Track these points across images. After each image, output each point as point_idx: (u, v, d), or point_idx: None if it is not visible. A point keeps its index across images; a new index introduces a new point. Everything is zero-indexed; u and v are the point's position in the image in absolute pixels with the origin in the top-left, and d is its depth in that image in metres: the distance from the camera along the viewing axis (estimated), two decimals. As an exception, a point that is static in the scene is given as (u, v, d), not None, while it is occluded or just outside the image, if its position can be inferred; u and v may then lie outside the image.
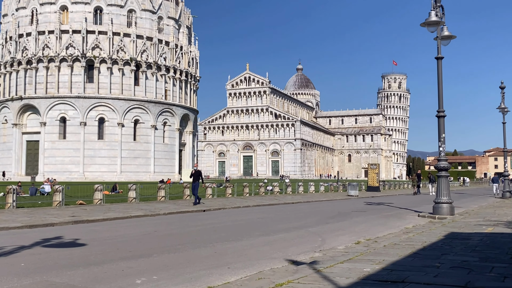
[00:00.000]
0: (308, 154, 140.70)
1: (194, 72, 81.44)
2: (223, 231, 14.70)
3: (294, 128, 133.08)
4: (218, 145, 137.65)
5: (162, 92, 74.38)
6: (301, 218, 19.21)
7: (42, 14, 70.39)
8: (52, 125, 68.78)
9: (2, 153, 71.84)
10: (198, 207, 24.20)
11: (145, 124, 72.31)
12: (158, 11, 75.19)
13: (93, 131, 69.33)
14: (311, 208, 25.71)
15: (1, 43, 72.59)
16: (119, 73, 70.49)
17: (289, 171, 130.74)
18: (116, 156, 69.96)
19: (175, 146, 76.28)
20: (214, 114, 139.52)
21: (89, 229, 15.28)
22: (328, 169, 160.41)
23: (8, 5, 74.03)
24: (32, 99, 69.15)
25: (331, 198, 36.39)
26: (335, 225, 16.85)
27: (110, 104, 69.75)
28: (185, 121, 79.30)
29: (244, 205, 26.75)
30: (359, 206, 27.06)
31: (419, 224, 16.94)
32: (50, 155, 68.55)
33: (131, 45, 71.32)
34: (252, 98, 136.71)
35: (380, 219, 18.97)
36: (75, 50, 69.02)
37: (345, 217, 19.96)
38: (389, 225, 16.77)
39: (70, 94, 68.81)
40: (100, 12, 71.49)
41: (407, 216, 20.56)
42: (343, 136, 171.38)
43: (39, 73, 69.40)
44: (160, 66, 73.69)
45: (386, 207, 26.23)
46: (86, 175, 68.15)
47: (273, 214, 21.13)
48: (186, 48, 78.73)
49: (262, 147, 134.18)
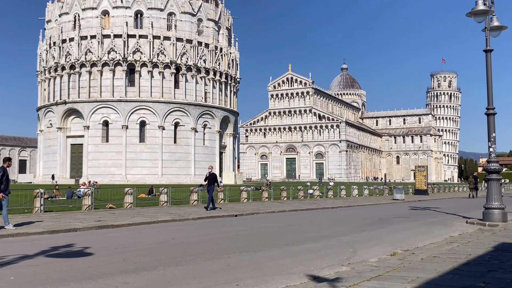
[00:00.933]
0: (354, 156, 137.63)
1: (234, 74, 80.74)
2: (246, 240, 13.45)
3: (339, 129, 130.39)
4: (260, 147, 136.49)
5: (202, 94, 74.01)
6: (336, 225, 17.72)
7: (84, 19, 71.42)
8: (95, 129, 69.60)
9: (48, 156, 73.32)
10: (228, 211, 23.06)
11: (185, 126, 72.11)
12: (198, 13, 74.93)
13: (134, 134, 69.69)
14: (350, 213, 24.10)
15: (45, 48, 74.14)
16: (159, 76, 70.60)
17: (334, 173, 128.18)
18: (157, 159, 70.05)
19: (215, 149, 75.73)
20: (256, 116, 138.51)
21: (107, 236, 14.42)
22: (376, 171, 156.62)
23: (51, 11, 75.63)
24: (75, 103, 70.20)
25: (374, 202, 34.55)
26: (372, 233, 15.28)
27: (151, 107, 69.92)
28: (225, 123, 78.67)
29: (280, 210, 25.43)
30: (402, 211, 25.25)
31: (466, 232, 15.20)
32: (93, 158, 69.37)
33: (171, 48, 71.31)
34: (294, 99, 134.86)
35: (423, 227, 17.25)
36: (116, 54, 69.62)
37: (385, 224, 18.32)
38: (432, 234, 15.08)
39: (112, 98, 69.43)
40: (140, 16, 71.88)
41: (454, 222, 18.72)
42: (390, 137, 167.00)
43: (82, 77, 70.41)
44: (199, 69, 73.36)
45: (432, 213, 24.32)
46: (128, 177, 68.52)
47: (307, 221, 19.72)
48: (226, 49, 78.13)
49: (306, 149, 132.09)
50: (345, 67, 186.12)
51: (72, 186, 39.30)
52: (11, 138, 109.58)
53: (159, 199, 26.81)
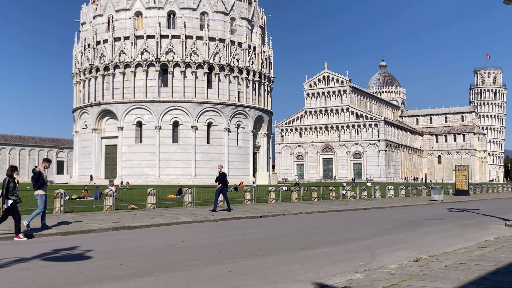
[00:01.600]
0: (393, 156, 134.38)
1: (268, 73, 79.81)
2: (259, 243, 12.53)
3: (377, 128, 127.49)
4: (296, 147, 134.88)
5: (235, 94, 73.42)
6: (362, 228, 16.55)
7: (117, 20, 72.00)
8: (129, 130, 70.02)
9: (83, 157, 74.28)
10: (254, 212, 22.14)
11: (218, 126, 71.66)
12: (231, 12, 74.41)
13: (167, 135, 69.73)
14: (380, 215, 22.77)
15: (80, 50, 75.15)
16: (192, 76, 70.42)
17: (373, 174, 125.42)
18: (190, 159, 69.86)
19: (249, 149, 74.99)
20: (291, 115, 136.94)
21: (116, 238, 13.82)
22: (416, 171, 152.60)
23: (86, 14, 76.64)
24: (109, 104, 70.83)
25: (410, 203, 32.97)
26: (398, 236, 14.07)
27: (184, 107, 69.80)
28: (259, 123, 77.83)
29: (308, 211, 24.39)
30: (437, 213, 23.77)
31: (503, 236, 13.84)
32: (127, 158, 69.79)
33: (203, 47, 71.03)
34: (331, 98, 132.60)
35: (456, 229, 15.89)
36: (149, 55, 69.85)
37: (415, 226, 17.02)
38: (464, 237, 13.76)
39: (146, 98, 69.68)
40: (173, 16, 71.92)
41: (491, 225, 17.24)
42: (432, 136, 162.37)
43: (116, 78, 70.97)
44: (232, 68, 72.79)
45: (469, 214, 22.76)
46: (162, 178, 68.58)
47: (331, 222, 18.61)
48: (259, 48, 77.28)
49: (343, 149, 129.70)
50: (383, 64, 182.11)
51: (101, 186, 39.20)
52: (49, 139, 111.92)
53: (183, 199, 26.19)
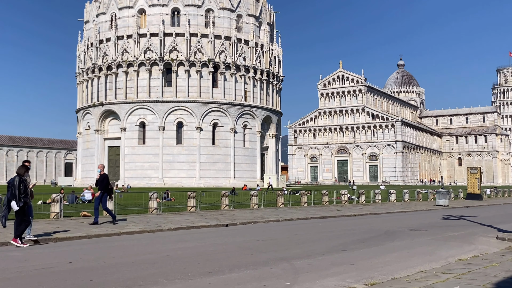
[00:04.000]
0: (411, 158, 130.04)
1: (276, 72, 77.08)
2: (167, 265, 9.93)
3: (394, 129, 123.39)
4: (310, 149, 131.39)
5: (242, 93, 70.90)
6: (318, 241, 13.87)
7: (121, 18, 70.23)
8: (131, 130, 68.10)
9: (86, 159, 72.66)
10: (222, 220, 19.52)
11: (224, 127, 69.23)
12: (237, 9, 71.98)
13: (171, 136, 67.59)
14: (361, 223, 19.96)
15: (83, 49, 73.60)
16: (196, 76, 68.18)
17: (389, 176, 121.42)
18: (194, 161, 67.58)
19: (256, 150, 72.34)
20: (305, 116, 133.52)
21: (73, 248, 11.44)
22: (435, 173, 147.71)
23: (89, 12, 75.06)
24: (112, 104, 69.03)
25: (410, 209, 30.01)
26: (351, 254, 11.37)
27: (188, 107, 67.59)
28: (267, 123, 75.14)
29: (287, 218, 21.86)
30: (428, 221, 20.93)
31: (485, 253, 11.09)
32: (130, 160, 67.85)
33: (208, 46, 68.75)
34: (346, 98, 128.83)
35: (431, 244, 13.11)
36: (153, 53, 67.87)
37: (384, 240, 14.25)
38: (434, 255, 11.01)
39: (149, 98, 67.68)
40: (177, 13, 69.83)
41: (479, 238, 14.39)
42: (452, 137, 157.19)
43: (119, 78, 69.17)
44: (239, 67, 70.31)
45: (463, 224, 19.88)
46: (165, 180, 66.44)
47: (292, 233, 16.10)
48: (267, 46, 74.61)
49: (358, 150, 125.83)
50: (401, 63, 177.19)
51: (77, 190, 36.95)
52: (57, 141, 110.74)
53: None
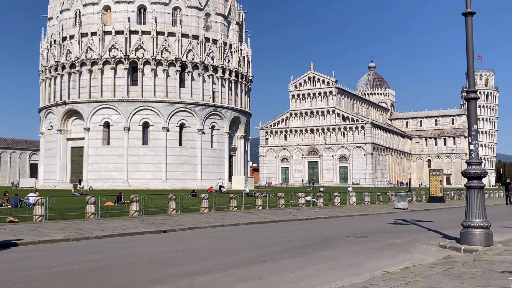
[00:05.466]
0: (380, 160, 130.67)
1: (245, 72, 75.96)
2: (55, 283, 8.55)
3: (364, 131, 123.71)
4: (281, 150, 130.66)
5: (210, 93, 69.56)
6: (246, 250, 12.91)
7: (85, 15, 68.04)
8: (95, 131, 66.04)
9: (48, 160, 70.20)
10: (161, 225, 18.25)
11: (192, 128, 67.79)
12: (205, 8, 70.60)
13: (137, 136, 65.82)
14: (305, 229, 18.97)
15: (46, 47, 71.06)
16: (163, 75, 66.56)
17: (359, 178, 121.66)
18: (161, 163, 65.95)
19: (225, 152, 71.10)
20: (276, 117, 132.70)
21: None
22: (405, 175, 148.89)
23: (53, 8, 72.56)
24: (75, 103, 66.81)
25: (368, 212, 29.41)
26: (270, 266, 10.40)
27: (155, 107, 65.92)
28: (236, 124, 73.95)
29: (233, 223, 20.90)
30: (376, 226, 20.38)
31: (421, 263, 10.47)
32: (93, 161, 65.79)
33: (176, 44, 67.18)
34: (317, 100, 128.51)
35: (365, 254, 12.35)
36: (118, 51, 65.94)
37: (318, 248, 13.39)
38: (360, 268, 10.24)
39: (114, 98, 65.75)
40: (144, 11, 68.05)
41: (419, 246, 13.74)
42: (421, 139, 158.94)
43: (83, 76, 66.99)
44: (207, 66, 68.95)
45: (411, 229, 19.34)
46: (130, 182, 64.66)
47: (225, 241, 14.91)
48: (236, 46, 73.42)
49: (329, 152, 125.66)
50: (372, 65, 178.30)
51: (21, 193, 34.90)
52: (22, 141, 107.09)
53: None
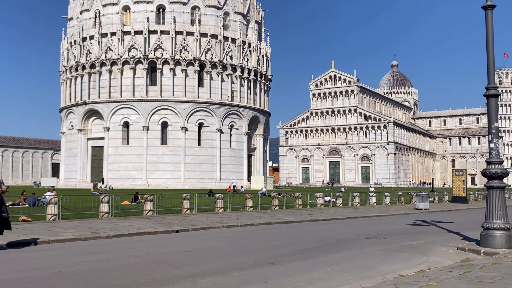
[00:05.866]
0: (403, 159, 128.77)
1: (264, 71, 75.48)
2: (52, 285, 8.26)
3: (386, 130, 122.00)
4: (301, 150, 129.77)
5: (228, 93, 69.29)
6: (255, 252, 12.58)
7: (105, 15, 68.46)
8: (115, 130, 66.41)
9: (69, 159, 70.85)
10: (174, 225, 17.93)
11: (210, 127, 67.62)
12: (224, 7, 70.34)
13: (156, 136, 65.95)
14: (320, 230, 18.45)
15: (67, 47, 71.74)
16: (182, 74, 66.54)
17: (381, 178, 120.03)
18: (179, 162, 65.95)
19: (243, 151, 70.75)
20: (297, 116, 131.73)
21: None
22: (429, 175, 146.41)
23: (73, 9, 73.24)
24: (95, 103, 67.29)
25: (388, 213, 28.72)
26: (278, 268, 10.04)
27: (173, 107, 65.95)
28: (255, 124, 73.55)
29: (247, 223, 20.68)
30: (394, 228, 19.84)
31: (437, 266, 9.88)
32: (113, 161, 66.16)
33: (194, 44, 67.11)
34: (338, 99, 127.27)
35: (379, 256, 11.81)
36: (137, 51, 66.16)
37: (331, 250, 12.95)
38: (375, 270, 9.80)
39: (133, 97, 66.02)
40: (162, 10, 68.13)
41: (437, 248, 13.15)
42: (445, 138, 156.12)
43: (102, 77, 67.43)
44: (225, 65, 68.69)
45: (430, 230, 18.74)
46: (149, 182, 64.82)
47: (235, 242, 14.56)
48: (255, 45, 72.99)
49: (350, 151, 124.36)
50: (395, 63, 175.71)
51: (38, 193, 34.88)
52: (44, 141, 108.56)
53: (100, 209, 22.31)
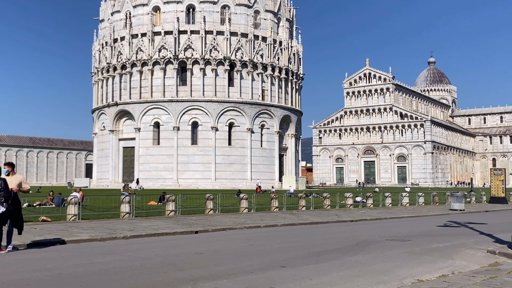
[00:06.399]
0: (441, 159, 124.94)
1: (296, 69, 74.23)
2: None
3: (423, 129, 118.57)
4: (335, 149, 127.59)
5: (259, 92, 68.39)
6: (268, 254, 11.72)
7: (135, 16, 68.66)
8: (146, 131, 66.49)
9: (101, 160, 71.40)
10: (184, 227, 17.04)
11: (241, 127, 66.89)
12: (254, 5, 69.49)
13: (186, 136, 65.67)
14: (344, 231, 17.34)
15: (98, 49, 72.35)
16: (212, 74, 66.04)
17: (418, 178, 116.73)
18: (210, 162, 65.46)
19: (275, 151, 69.71)
20: (330, 115, 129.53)
21: None
22: (468, 175, 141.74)
23: (104, 10, 73.80)
24: (126, 104, 67.55)
25: (420, 214, 27.36)
26: (288, 271, 9.20)
27: (203, 107, 65.53)
28: (286, 123, 72.40)
29: (270, 224, 19.78)
30: (423, 229, 18.69)
31: (461, 271, 9.03)
32: (144, 161, 66.26)
33: (224, 43, 66.51)
34: (373, 97, 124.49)
35: (400, 259, 10.77)
36: (167, 52, 66.06)
37: (349, 252, 11.94)
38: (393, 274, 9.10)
39: (163, 98, 65.95)
40: (192, 10, 67.83)
41: (464, 251, 12.01)
42: (485, 137, 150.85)
43: (133, 77, 67.63)
44: (256, 64, 67.82)
45: (461, 232, 17.51)
46: (180, 182, 64.60)
47: (250, 243, 13.61)
48: (286, 43, 71.85)
49: (386, 151, 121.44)
50: (432, 60, 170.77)
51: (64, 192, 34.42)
52: (78, 142, 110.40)
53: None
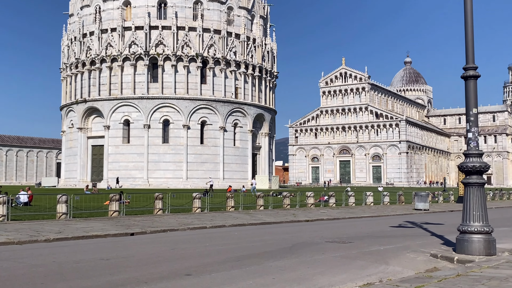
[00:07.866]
0: (416, 159, 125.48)
1: (270, 67, 73.30)
2: None
3: (398, 128, 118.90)
4: (311, 149, 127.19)
5: (232, 90, 67.29)
6: (184, 259, 10.83)
7: (105, 11, 66.88)
8: (115, 129, 64.80)
9: (69, 158, 69.45)
10: (120, 229, 15.89)
11: (213, 125, 65.71)
12: (228, 1, 68.37)
13: (157, 134, 64.21)
14: (286, 232, 16.48)
15: (67, 44, 70.34)
16: (184, 71, 64.70)
17: (393, 177, 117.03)
18: (181, 161, 64.13)
19: (248, 150, 68.70)
20: (306, 115, 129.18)
21: None
22: (443, 175, 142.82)
23: (74, 4, 71.78)
24: (95, 101, 65.75)
25: (382, 213, 26.83)
26: (191, 281, 7.94)
27: (175, 104, 64.15)
28: (260, 122, 71.46)
29: (217, 224, 18.93)
30: (374, 230, 18.10)
31: (391, 278, 8.33)
32: (114, 160, 64.57)
33: (197, 39, 65.21)
34: (349, 96, 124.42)
35: (325, 265, 9.97)
36: (138, 48, 64.48)
37: (275, 256, 11.03)
38: (308, 284, 7.63)
39: (133, 95, 64.36)
40: (164, 5, 66.37)
41: (405, 255, 11.25)
42: (460, 137, 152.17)
43: (103, 74, 65.87)
44: (229, 62, 66.69)
45: (411, 233, 17.06)
46: (150, 181, 63.13)
47: (173, 247, 12.55)
48: (260, 40, 70.87)
49: (361, 150, 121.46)
50: (408, 60, 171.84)
51: (11, 192, 32.49)
52: (48, 140, 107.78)
53: (57, 209, 20.40)
